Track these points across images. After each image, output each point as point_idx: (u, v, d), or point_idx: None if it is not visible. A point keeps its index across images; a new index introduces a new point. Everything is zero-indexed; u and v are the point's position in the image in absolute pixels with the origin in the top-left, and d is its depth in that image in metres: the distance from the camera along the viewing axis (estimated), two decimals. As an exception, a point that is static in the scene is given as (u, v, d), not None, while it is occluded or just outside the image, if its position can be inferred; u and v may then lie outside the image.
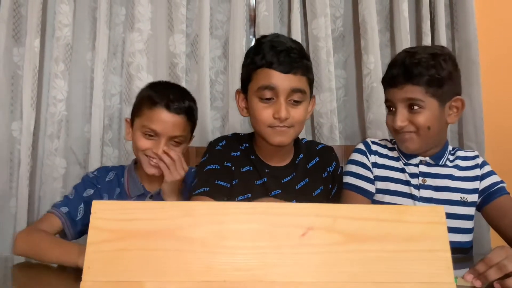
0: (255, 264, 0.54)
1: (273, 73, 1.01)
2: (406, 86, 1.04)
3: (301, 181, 1.12)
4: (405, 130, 1.07)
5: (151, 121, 1.10)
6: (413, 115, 1.05)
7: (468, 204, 1.11)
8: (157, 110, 1.10)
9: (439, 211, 0.58)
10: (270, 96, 1.02)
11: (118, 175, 1.21)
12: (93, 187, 1.17)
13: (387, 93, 1.11)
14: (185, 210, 0.56)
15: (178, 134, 1.11)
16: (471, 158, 1.17)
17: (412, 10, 1.68)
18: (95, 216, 0.56)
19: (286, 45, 1.03)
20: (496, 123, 1.66)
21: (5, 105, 1.51)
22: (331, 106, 1.59)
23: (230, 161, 1.10)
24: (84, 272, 0.53)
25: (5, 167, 1.51)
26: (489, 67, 1.64)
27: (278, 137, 1.04)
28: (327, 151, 1.19)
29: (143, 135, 1.11)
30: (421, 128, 1.05)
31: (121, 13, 1.61)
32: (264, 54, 1.02)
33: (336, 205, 0.60)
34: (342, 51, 1.69)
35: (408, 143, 1.08)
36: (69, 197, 1.16)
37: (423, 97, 1.04)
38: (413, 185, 1.11)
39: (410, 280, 0.54)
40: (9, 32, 1.51)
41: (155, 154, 1.10)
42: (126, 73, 1.56)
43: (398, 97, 1.06)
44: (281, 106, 1.01)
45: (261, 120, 1.03)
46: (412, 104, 1.04)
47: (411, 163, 1.14)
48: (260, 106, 1.03)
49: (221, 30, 1.65)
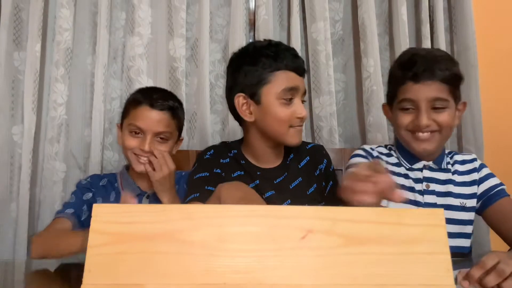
0: (255, 267, 0.54)
1: (291, 75, 1.06)
2: (434, 83, 1.01)
3: (294, 181, 1.13)
4: (429, 129, 1.03)
5: (135, 119, 1.14)
6: (436, 115, 1.02)
7: (467, 209, 1.10)
8: (141, 108, 1.14)
9: (438, 214, 0.58)
10: (291, 96, 1.05)
11: (111, 181, 1.24)
12: (90, 191, 1.20)
13: (407, 90, 1.04)
14: (185, 213, 0.56)
15: (162, 130, 1.14)
16: (469, 161, 1.15)
17: (411, 14, 1.69)
18: (96, 219, 0.56)
19: (294, 52, 1.12)
20: (495, 126, 1.67)
21: (6, 109, 1.51)
22: (330, 109, 1.59)
23: (220, 168, 1.10)
24: (84, 275, 0.53)
25: (5, 171, 1.51)
26: (488, 71, 1.65)
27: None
28: (317, 149, 1.20)
29: (130, 134, 1.16)
30: (445, 127, 1.03)
31: (121, 17, 1.61)
32: (280, 58, 1.06)
33: (336, 207, 0.60)
34: (341, 54, 1.70)
35: (427, 143, 1.05)
36: (71, 201, 1.18)
37: (448, 96, 1.02)
38: (417, 191, 1.09)
39: (410, 282, 0.54)
40: (10, 36, 1.52)
41: (142, 151, 1.13)
42: (126, 77, 1.56)
43: (423, 95, 1.01)
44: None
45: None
46: (437, 103, 1.01)
47: (414, 168, 1.11)
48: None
49: (221, 34, 1.66)
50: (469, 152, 1.59)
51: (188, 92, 1.62)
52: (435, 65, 1.02)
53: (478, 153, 1.59)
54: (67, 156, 1.55)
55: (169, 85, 1.58)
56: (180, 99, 1.54)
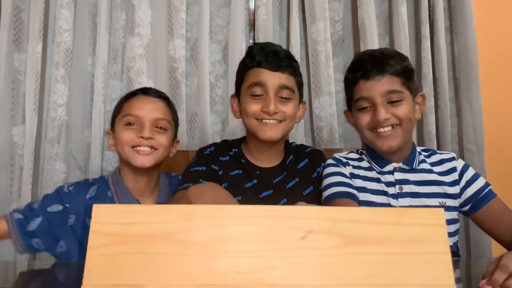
0: (255, 267, 0.54)
1: (263, 71, 1.08)
2: (384, 77, 1.02)
3: (292, 181, 1.14)
4: (389, 123, 1.03)
5: (130, 108, 1.10)
6: (394, 108, 1.03)
7: (448, 208, 1.07)
8: (136, 97, 1.13)
9: (439, 214, 0.58)
10: (260, 92, 1.08)
11: (102, 188, 1.13)
12: (61, 204, 1.08)
13: (360, 89, 1.05)
14: (185, 214, 0.56)
15: (160, 116, 1.10)
16: (448, 160, 1.12)
17: (411, 14, 1.68)
18: (96, 220, 0.56)
19: (275, 47, 1.12)
20: (496, 126, 1.67)
21: (6, 110, 1.52)
22: (330, 110, 1.59)
23: (218, 165, 1.12)
24: (84, 276, 0.53)
25: (5, 172, 1.51)
26: (488, 70, 1.65)
27: (268, 132, 1.08)
28: (316, 153, 1.22)
29: (125, 127, 1.09)
30: (404, 119, 1.03)
31: (121, 18, 1.61)
32: (254, 55, 1.10)
33: (336, 208, 0.60)
34: (341, 54, 1.70)
35: (391, 140, 1.04)
36: (33, 206, 1.08)
37: (401, 88, 1.03)
38: (391, 195, 1.07)
39: (410, 282, 0.54)
40: (10, 37, 1.52)
41: (142, 139, 1.06)
42: (126, 77, 1.56)
43: (377, 90, 1.02)
44: (270, 101, 1.06)
45: (250, 113, 1.09)
46: (392, 96, 1.02)
47: (385, 171, 1.10)
48: (251, 101, 1.09)
49: (221, 34, 1.66)
50: (470, 151, 1.60)
51: (188, 92, 1.62)
52: (383, 60, 1.04)
53: (478, 152, 1.59)
54: (67, 156, 1.55)
55: (169, 86, 1.59)
56: (180, 99, 1.56)
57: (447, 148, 1.60)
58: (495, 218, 1.06)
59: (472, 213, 1.09)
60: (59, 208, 1.08)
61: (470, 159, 1.58)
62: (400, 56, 1.08)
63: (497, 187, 1.11)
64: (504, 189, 1.15)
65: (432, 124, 1.60)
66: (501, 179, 1.15)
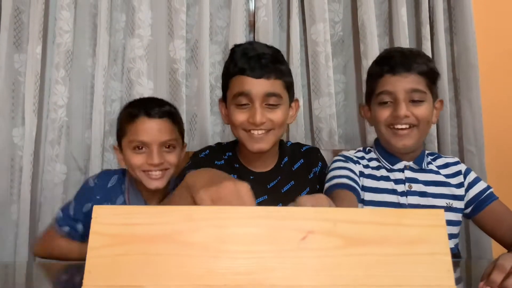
0: (255, 268, 0.54)
1: (246, 79, 1.01)
2: (411, 75, 1.02)
3: (287, 184, 1.11)
4: (407, 122, 1.03)
5: (136, 134, 1.08)
6: (415, 108, 1.03)
7: (454, 210, 1.09)
8: (139, 121, 1.09)
9: (439, 214, 0.58)
10: (246, 102, 1.03)
11: (120, 181, 1.18)
12: (91, 200, 1.14)
13: (385, 83, 1.05)
14: (185, 215, 0.56)
15: (167, 138, 1.09)
16: (453, 164, 1.14)
17: (411, 15, 1.68)
18: (96, 220, 0.56)
19: (258, 51, 1.03)
20: (496, 126, 1.66)
21: (6, 112, 1.52)
22: (330, 111, 1.59)
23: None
24: (85, 277, 0.53)
25: (5, 174, 1.51)
26: (488, 71, 1.65)
27: (257, 144, 1.05)
28: (312, 152, 1.19)
29: (134, 152, 1.09)
30: (423, 121, 1.03)
31: (121, 19, 1.62)
32: (236, 61, 1.03)
33: (336, 208, 0.60)
34: (341, 55, 1.70)
35: (406, 139, 1.05)
36: (70, 212, 1.16)
37: (425, 89, 1.03)
38: (400, 193, 1.08)
39: (410, 283, 0.54)
40: (10, 38, 1.52)
41: (152, 166, 1.07)
42: (127, 79, 1.56)
43: (401, 86, 1.02)
44: (256, 111, 1.01)
45: (237, 124, 1.05)
46: (416, 95, 1.02)
47: (395, 169, 1.10)
48: (236, 111, 1.05)
49: (221, 35, 1.66)
50: (470, 152, 1.60)
51: (188, 93, 1.62)
52: (412, 58, 1.04)
53: (478, 153, 1.59)
54: (67, 158, 1.55)
55: (169, 87, 1.59)
56: (180, 100, 1.56)
57: (447, 149, 1.60)
58: (496, 219, 1.07)
59: (474, 215, 1.10)
60: (90, 205, 1.13)
61: (470, 160, 1.58)
62: (427, 57, 1.09)
63: (497, 188, 1.12)
64: (504, 190, 1.15)
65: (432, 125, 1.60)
66: (501, 180, 1.16)
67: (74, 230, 1.15)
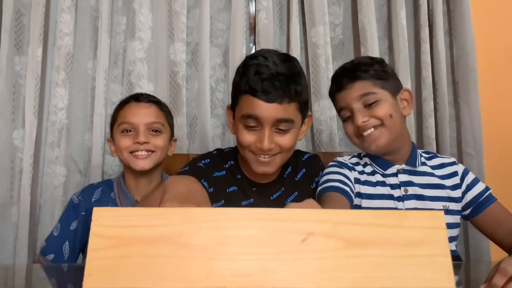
0: (255, 270, 0.54)
1: (257, 102, 0.94)
2: (354, 84, 1.05)
3: (291, 195, 1.09)
4: (370, 125, 1.04)
5: (124, 117, 1.16)
6: (371, 110, 1.04)
7: (451, 212, 1.08)
8: (128, 105, 1.18)
9: (439, 216, 0.58)
10: (254, 124, 0.97)
11: (106, 191, 1.21)
12: (77, 217, 1.18)
13: (339, 100, 1.10)
14: (185, 217, 0.56)
15: (153, 120, 1.16)
16: (449, 164, 1.13)
17: (410, 18, 1.69)
18: (96, 223, 0.56)
19: (272, 71, 0.94)
20: (494, 129, 1.67)
21: (7, 114, 1.52)
22: (330, 114, 1.59)
23: (210, 182, 1.01)
24: (84, 279, 0.53)
25: (6, 176, 1.51)
26: (487, 74, 1.65)
27: (262, 167, 1.01)
28: (313, 161, 1.17)
29: (122, 135, 1.16)
30: (384, 118, 1.04)
31: (122, 22, 1.62)
32: (248, 79, 0.95)
33: (336, 210, 0.60)
34: (341, 58, 1.70)
35: (377, 140, 1.05)
36: (54, 236, 1.19)
37: (374, 89, 1.04)
38: (396, 198, 1.07)
39: (410, 285, 0.54)
40: (11, 41, 1.52)
41: (138, 144, 1.13)
42: (127, 81, 1.57)
43: (350, 97, 1.05)
44: (264, 137, 0.96)
45: (244, 145, 1.00)
46: (367, 99, 1.04)
47: (388, 174, 1.10)
48: (245, 132, 0.99)
49: (221, 38, 1.67)
50: (469, 155, 1.60)
51: (188, 96, 1.62)
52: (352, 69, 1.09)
53: (477, 156, 1.59)
54: (67, 160, 1.55)
55: (169, 90, 1.59)
56: (181, 103, 1.57)
57: (446, 152, 1.60)
58: (495, 221, 1.07)
59: (473, 217, 1.10)
60: (75, 223, 1.18)
61: (469, 163, 1.59)
62: (370, 61, 1.10)
63: (496, 191, 1.12)
64: (503, 193, 1.15)
65: (431, 128, 1.60)
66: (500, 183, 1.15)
67: (59, 254, 1.17)
